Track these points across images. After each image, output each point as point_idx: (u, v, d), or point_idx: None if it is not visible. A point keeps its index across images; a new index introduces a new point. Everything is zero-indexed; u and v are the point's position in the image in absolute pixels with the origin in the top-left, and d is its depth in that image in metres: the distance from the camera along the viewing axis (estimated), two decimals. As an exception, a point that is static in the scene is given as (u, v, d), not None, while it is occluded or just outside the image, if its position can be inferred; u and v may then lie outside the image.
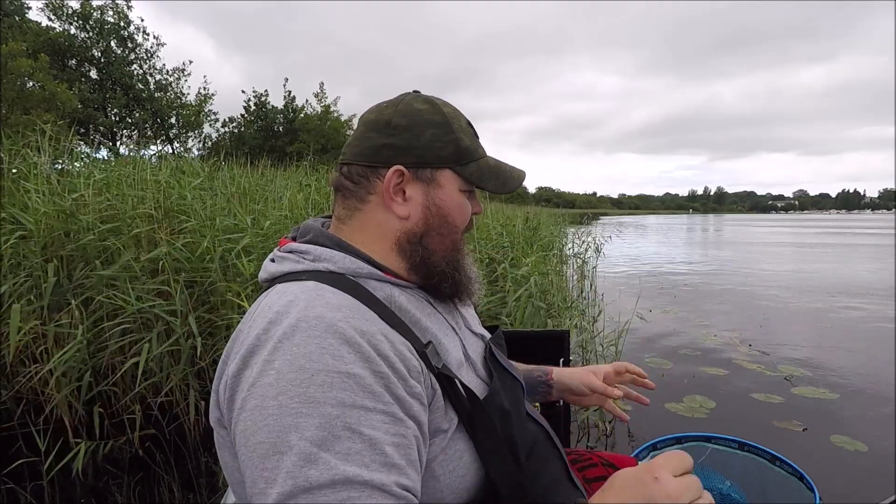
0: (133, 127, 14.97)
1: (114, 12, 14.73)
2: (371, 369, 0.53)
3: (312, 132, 17.96)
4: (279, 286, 0.62)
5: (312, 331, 0.53)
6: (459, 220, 0.71)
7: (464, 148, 0.70)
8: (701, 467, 1.30)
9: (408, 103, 0.70)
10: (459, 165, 0.70)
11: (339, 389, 0.50)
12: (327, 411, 0.49)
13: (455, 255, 0.71)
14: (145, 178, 3.35)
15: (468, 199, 0.72)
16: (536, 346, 1.31)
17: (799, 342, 4.55)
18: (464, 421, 0.62)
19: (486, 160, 0.73)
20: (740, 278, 8.87)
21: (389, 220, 0.68)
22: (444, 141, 0.68)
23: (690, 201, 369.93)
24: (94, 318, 2.55)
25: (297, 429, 0.48)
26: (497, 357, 0.75)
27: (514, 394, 0.71)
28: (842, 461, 2.44)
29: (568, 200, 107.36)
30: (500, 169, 0.73)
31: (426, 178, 0.68)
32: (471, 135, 0.73)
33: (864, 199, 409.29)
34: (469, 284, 0.73)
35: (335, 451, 0.48)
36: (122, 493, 2.19)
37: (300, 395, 0.49)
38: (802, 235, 25.11)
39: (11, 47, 7.91)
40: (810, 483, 1.13)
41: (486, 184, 0.71)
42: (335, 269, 0.64)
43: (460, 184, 0.70)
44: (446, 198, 0.69)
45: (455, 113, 0.72)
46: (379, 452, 0.49)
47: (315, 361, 0.51)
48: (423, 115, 0.68)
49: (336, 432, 0.48)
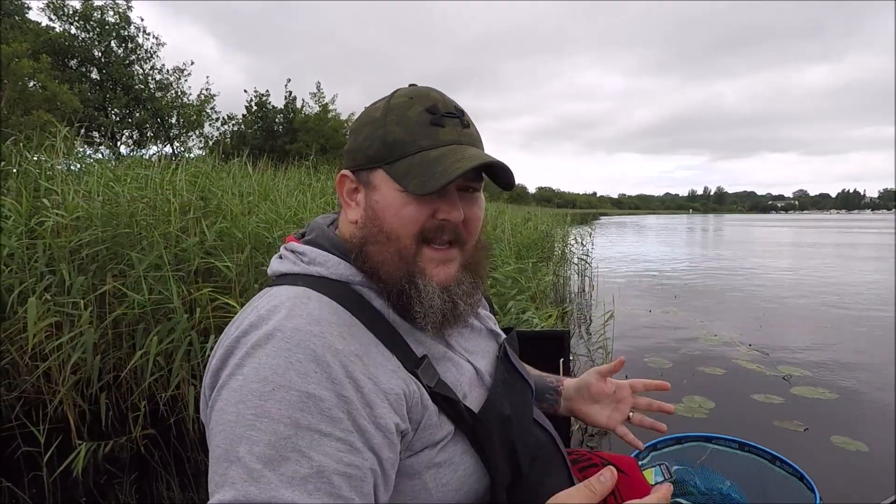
0: (134, 127, 14.98)
1: (114, 12, 14.75)
2: (335, 392, 0.50)
3: (311, 132, 17.97)
4: (271, 289, 0.61)
5: (285, 343, 0.51)
6: (398, 225, 0.60)
7: (391, 142, 0.61)
8: (701, 467, 1.30)
9: (375, 102, 0.67)
10: (387, 163, 0.61)
11: (297, 409, 0.48)
12: (280, 430, 0.47)
13: (402, 270, 0.60)
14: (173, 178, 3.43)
15: (427, 201, 0.61)
16: (536, 346, 1.31)
17: (799, 342, 4.55)
18: (462, 432, 0.61)
19: (424, 154, 0.60)
20: (740, 278, 8.86)
21: (349, 224, 0.66)
22: (372, 138, 0.62)
23: (690, 201, 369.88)
24: (114, 315, 2.58)
25: (248, 441, 0.47)
26: (510, 359, 0.74)
27: (521, 398, 0.70)
28: (842, 461, 2.44)
29: (568, 200, 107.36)
30: (437, 162, 0.59)
31: (364, 181, 0.64)
32: (416, 123, 0.61)
33: (864, 199, 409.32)
34: (422, 310, 0.60)
35: (279, 473, 0.46)
36: (122, 492, 2.19)
37: (257, 407, 0.48)
38: (802, 235, 25.10)
39: (14, 48, 7.91)
40: (810, 483, 1.13)
41: (407, 183, 0.59)
42: (328, 275, 0.62)
43: (394, 184, 0.61)
44: (379, 200, 0.62)
45: (410, 101, 0.63)
46: (325, 481, 0.47)
47: (279, 375, 0.49)
48: (370, 113, 0.65)
49: (285, 453, 0.47)
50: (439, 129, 0.62)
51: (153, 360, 2.37)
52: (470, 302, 0.65)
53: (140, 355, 2.41)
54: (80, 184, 3.09)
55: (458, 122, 0.64)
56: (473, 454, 0.62)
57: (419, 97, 0.63)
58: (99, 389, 2.54)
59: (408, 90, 0.65)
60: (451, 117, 0.63)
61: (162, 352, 2.48)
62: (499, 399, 0.66)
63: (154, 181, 3.23)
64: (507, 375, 0.71)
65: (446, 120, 0.63)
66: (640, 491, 0.91)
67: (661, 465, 1.25)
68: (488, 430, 0.62)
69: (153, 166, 3.59)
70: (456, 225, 0.62)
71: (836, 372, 3.72)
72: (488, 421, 0.62)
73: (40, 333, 2.35)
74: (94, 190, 3.02)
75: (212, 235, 2.93)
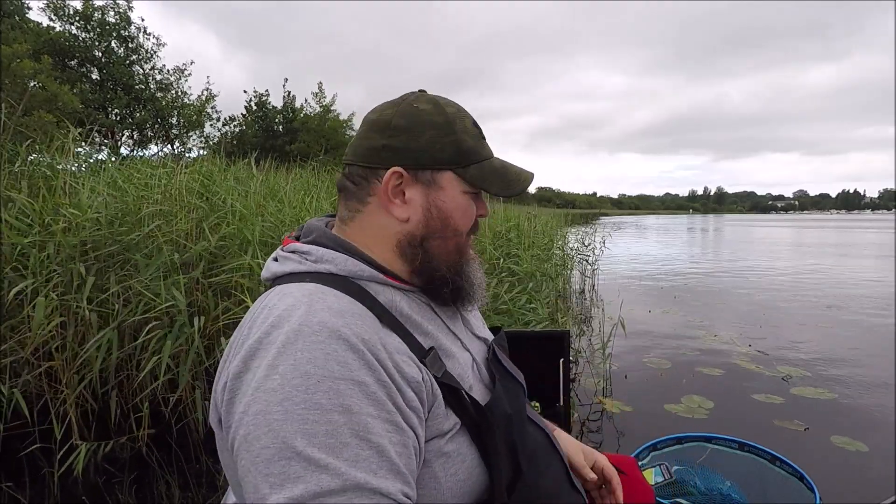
0: (134, 127, 14.96)
1: (115, 12, 14.74)
2: (375, 377, 0.53)
3: (312, 132, 17.95)
4: (280, 287, 0.62)
5: (316, 336, 0.53)
6: (462, 223, 0.69)
7: (465, 149, 0.68)
8: (701, 467, 1.30)
9: (409, 103, 0.68)
10: (461, 167, 0.68)
11: (345, 396, 0.50)
12: (334, 418, 0.49)
13: (458, 259, 0.69)
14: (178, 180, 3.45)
15: (473, 201, 0.70)
16: (536, 346, 1.31)
17: (799, 342, 4.55)
18: (467, 426, 0.62)
19: (490, 162, 0.70)
20: (740, 278, 8.87)
21: (389, 222, 0.67)
22: (443, 142, 0.67)
23: (690, 201, 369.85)
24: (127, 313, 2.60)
25: (304, 434, 0.48)
26: (500, 360, 0.75)
27: (515, 397, 0.71)
28: (842, 461, 2.44)
29: (568, 200, 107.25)
30: (505, 171, 0.71)
31: (426, 180, 0.67)
32: (475, 136, 0.70)
33: (864, 199, 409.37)
34: (471, 290, 0.71)
35: (344, 458, 0.48)
36: (122, 493, 2.19)
37: (305, 401, 0.49)
38: (802, 235, 25.10)
39: (15, 49, 7.91)
40: (810, 483, 1.13)
41: (489, 186, 0.69)
42: (336, 272, 0.63)
43: (463, 186, 0.68)
44: (447, 200, 0.67)
45: (459, 113, 0.70)
46: (386, 459, 0.50)
47: (320, 368, 0.51)
48: (424, 116, 0.67)
49: (344, 439, 0.49)
50: (485, 142, 0.72)
51: (165, 362, 2.38)
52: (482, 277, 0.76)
53: (153, 359, 2.42)
54: (98, 183, 3.15)
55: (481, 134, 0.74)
56: (476, 448, 0.63)
57: (462, 110, 0.71)
58: (109, 389, 2.56)
59: (447, 100, 0.71)
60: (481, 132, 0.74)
61: (172, 354, 2.49)
62: (502, 396, 0.67)
63: (161, 182, 3.25)
64: (500, 376, 0.72)
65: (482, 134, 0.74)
66: (639, 491, 0.91)
67: (661, 465, 1.26)
68: (492, 424, 0.63)
69: (160, 167, 3.62)
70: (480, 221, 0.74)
71: (836, 372, 3.72)
72: (494, 416, 0.63)
73: (46, 332, 2.36)
74: (104, 190, 3.06)
75: (215, 239, 2.92)
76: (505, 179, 0.70)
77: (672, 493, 1.27)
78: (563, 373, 1.28)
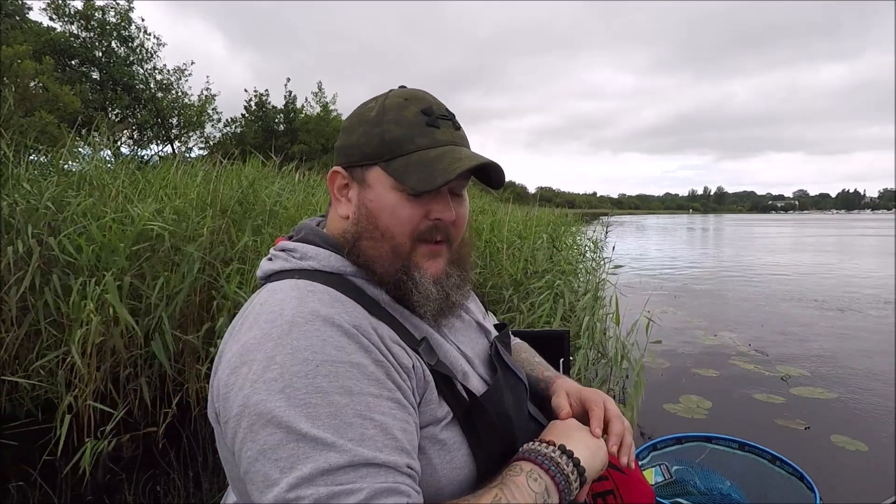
0: (135, 127, 14.95)
1: (115, 12, 14.74)
2: (371, 358, 0.54)
3: (312, 132, 17.95)
4: (270, 284, 0.63)
5: (310, 325, 0.54)
6: (392, 224, 0.63)
7: (388, 140, 0.62)
8: (701, 467, 1.30)
9: (366, 102, 0.69)
10: (383, 161, 0.63)
11: (346, 378, 0.51)
12: (336, 399, 0.50)
13: (397, 265, 0.63)
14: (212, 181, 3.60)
15: (413, 200, 0.62)
16: (536, 346, 1.31)
17: (798, 342, 4.55)
18: (458, 417, 0.62)
19: (425, 153, 0.62)
20: (740, 279, 8.87)
21: (338, 219, 0.68)
22: (370, 136, 0.64)
23: (690, 201, 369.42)
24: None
25: (308, 417, 0.49)
26: (503, 356, 0.75)
27: (516, 394, 0.71)
28: (842, 461, 2.44)
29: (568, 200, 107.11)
30: (436, 161, 0.61)
31: (359, 178, 0.65)
32: (412, 124, 0.63)
33: (864, 199, 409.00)
34: (425, 302, 0.63)
35: (349, 437, 0.49)
36: (129, 490, 2.20)
37: (306, 386, 0.50)
38: (802, 234, 25.07)
39: (17, 50, 7.91)
40: (810, 483, 1.13)
41: (406, 180, 0.61)
42: (319, 268, 0.64)
43: (392, 182, 0.63)
44: (374, 198, 0.63)
45: (405, 103, 0.64)
46: (391, 437, 0.51)
47: (318, 353, 0.52)
48: (364, 113, 0.66)
49: (348, 419, 0.50)
50: (435, 130, 0.64)
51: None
52: (460, 294, 0.68)
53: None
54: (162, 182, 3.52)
55: (451, 124, 0.66)
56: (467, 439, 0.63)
57: (414, 99, 0.65)
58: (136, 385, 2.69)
59: (401, 91, 0.67)
60: (445, 119, 0.66)
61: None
62: (499, 391, 0.67)
63: (199, 185, 3.46)
64: (501, 372, 0.72)
65: (441, 121, 0.65)
66: (639, 491, 0.91)
67: (661, 465, 1.26)
68: (483, 414, 0.63)
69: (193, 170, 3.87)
70: (447, 224, 0.65)
71: (836, 372, 3.72)
72: (485, 407, 0.63)
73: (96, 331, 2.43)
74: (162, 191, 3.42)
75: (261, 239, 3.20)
76: (429, 171, 0.61)
77: (672, 493, 1.27)
78: (563, 373, 1.28)
